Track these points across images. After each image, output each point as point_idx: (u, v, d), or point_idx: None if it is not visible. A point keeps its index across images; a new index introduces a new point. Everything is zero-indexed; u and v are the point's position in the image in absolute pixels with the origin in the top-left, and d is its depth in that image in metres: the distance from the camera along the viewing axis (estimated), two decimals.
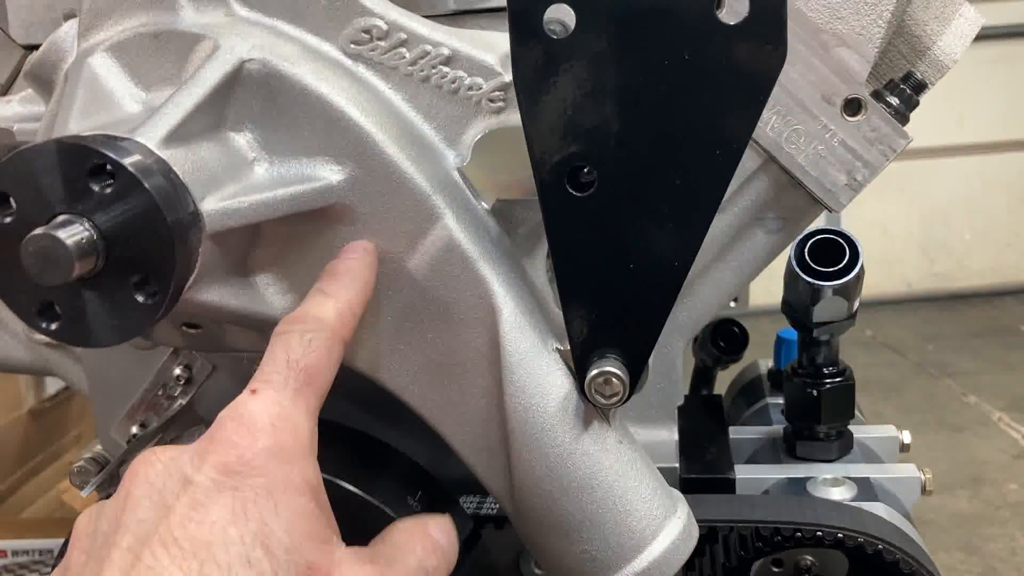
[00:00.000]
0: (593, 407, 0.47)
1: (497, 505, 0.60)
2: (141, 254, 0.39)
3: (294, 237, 0.48)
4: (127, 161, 0.38)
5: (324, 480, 0.50)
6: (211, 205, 0.42)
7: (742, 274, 0.65)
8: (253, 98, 0.46)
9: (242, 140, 0.46)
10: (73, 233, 0.38)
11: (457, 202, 0.48)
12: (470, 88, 0.49)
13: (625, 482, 0.48)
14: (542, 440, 0.47)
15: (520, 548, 0.62)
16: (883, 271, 2.91)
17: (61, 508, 2.24)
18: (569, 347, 0.47)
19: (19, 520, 2.18)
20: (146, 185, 0.38)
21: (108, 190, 0.38)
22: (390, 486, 0.52)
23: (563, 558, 0.48)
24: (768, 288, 0.78)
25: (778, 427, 0.73)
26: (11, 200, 0.39)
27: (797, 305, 0.63)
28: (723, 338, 0.80)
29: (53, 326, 0.40)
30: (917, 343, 2.63)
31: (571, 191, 0.44)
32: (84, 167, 0.38)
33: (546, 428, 0.47)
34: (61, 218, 0.39)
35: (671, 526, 0.48)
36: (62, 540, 1.73)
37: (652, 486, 0.49)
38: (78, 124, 0.43)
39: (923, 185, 2.90)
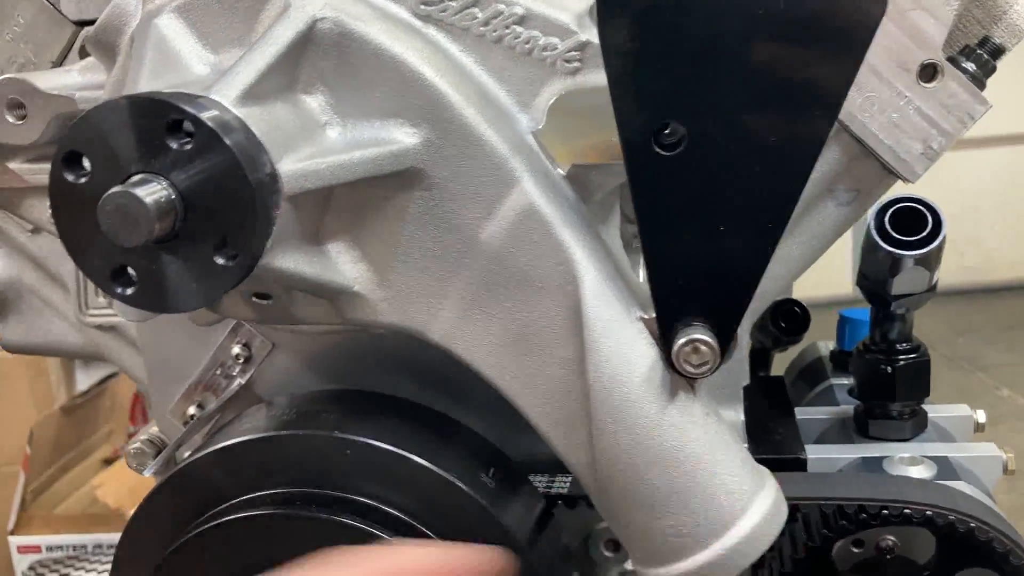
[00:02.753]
0: (679, 377, 0.45)
1: (568, 484, 0.58)
2: (221, 214, 0.37)
3: (366, 204, 0.46)
4: (206, 116, 0.37)
5: (397, 454, 0.49)
6: (288, 166, 0.40)
7: (811, 249, 0.62)
8: (325, 59, 0.44)
9: (314, 103, 0.45)
10: (152, 191, 0.36)
11: (535, 166, 0.46)
12: (545, 49, 0.47)
13: (714, 454, 0.46)
14: (627, 411, 0.45)
15: (589, 530, 0.60)
16: None
17: (94, 504, 2.24)
18: (652, 315, 0.45)
19: (53, 515, 2.18)
20: (227, 141, 0.37)
21: (187, 147, 0.37)
22: (464, 462, 0.51)
23: (649, 534, 0.46)
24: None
25: (847, 407, 0.71)
26: (84, 160, 0.38)
27: (875, 276, 0.61)
28: (784, 318, 0.78)
29: (128, 291, 0.39)
30: (948, 337, 2.60)
31: (658, 150, 0.42)
32: (161, 123, 0.37)
33: (631, 399, 0.45)
34: (138, 177, 0.37)
35: (761, 500, 0.46)
36: (95, 535, 1.73)
37: (740, 459, 0.47)
38: (148, 84, 0.42)
39: (952, 178, 2.85)
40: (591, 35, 0.47)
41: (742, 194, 0.42)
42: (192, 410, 0.63)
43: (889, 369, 0.64)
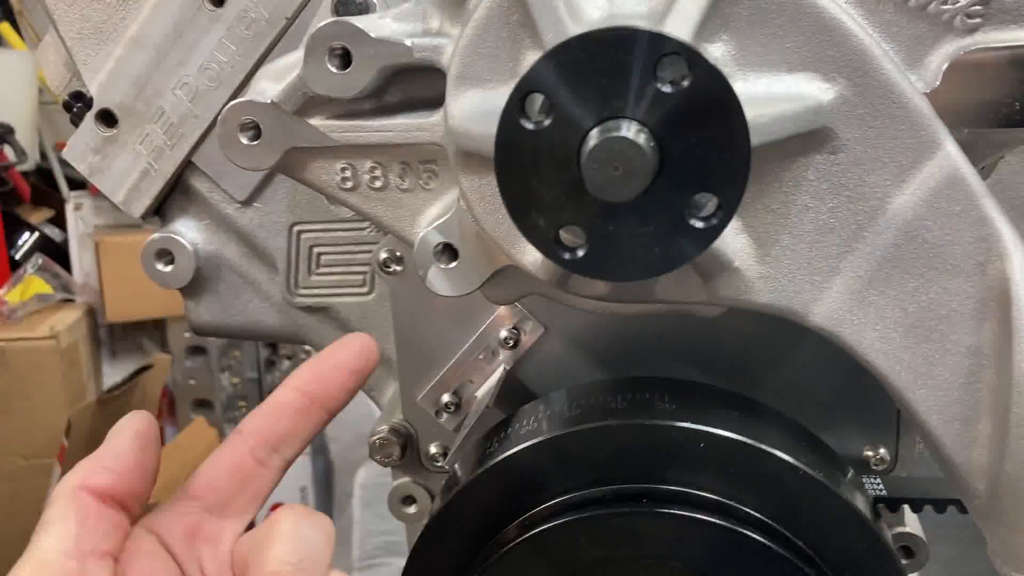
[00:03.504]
0: None
1: (879, 485, 0.54)
2: (706, 168, 0.33)
3: (757, 169, 0.41)
4: (698, 52, 0.32)
5: (760, 450, 0.44)
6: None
7: None
8: (734, 5, 0.39)
9: (717, 52, 0.40)
10: (644, 140, 0.31)
11: (948, 130, 0.41)
12: (944, 2, 0.43)
13: None
14: None
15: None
16: None
17: None
18: None
19: None
20: (725, 80, 0.32)
21: (680, 87, 0.32)
22: (822, 460, 0.46)
23: None
24: None
25: None
26: (546, 102, 0.33)
27: None
28: None
29: (579, 253, 0.34)
30: None
31: None
32: (652, 60, 0.32)
33: None
34: (610, 122, 0.32)
35: None
36: None
37: None
38: (576, 28, 0.36)
39: None
40: None
41: None
42: (447, 398, 0.58)
43: None
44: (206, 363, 2.55)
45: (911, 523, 0.57)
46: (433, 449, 0.59)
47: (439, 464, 0.59)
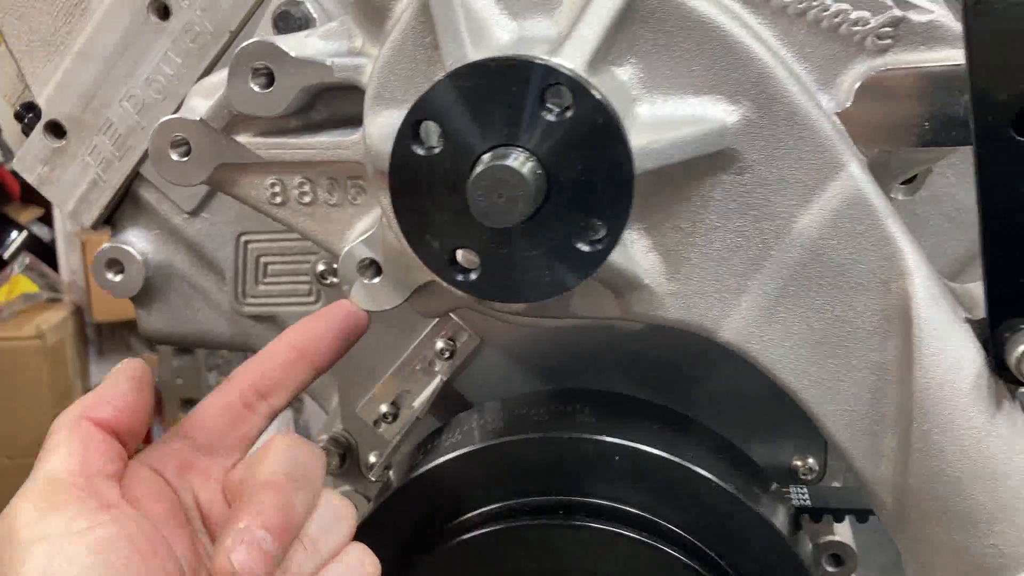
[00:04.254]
0: (1002, 384, 0.42)
1: (805, 495, 0.55)
2: (591, 194, 0.33)
3: (664, 189, 0.42)
4: (585, 83, 0.33)
5: (675, 463, 0.45)
6: (635, 142, 0.36)
7: None
8: (642, 27, 0.40)
9: (624, 76, 0.41)
10: (522, 165, 0.32)
11: (854, 150, 0.42)
12: (855, 24, 0.43)
13: None
14: (956, 420, 0.41)
15: (814, 542, 0.56)
16: None
17: None
18: (979, 316, 0.42)
19: None
20: (612, 114, 0.32)
21: (564, 115, 0.32)
22: (736, 472, 0.47)
23: (962, 554, 0.43)
24: None
25: None
26: (437, 130, 0.33)
27: None
28: None
29: (471, 277, 0.35)
30: None
31: (1016, 136, 0.39)
32: (536, 89, 0.32)
33: (960, 407, 0.41)
34: (499, 149, 0.33)
35: None
36: None
37: None
38: (476, 54, 0.37)
39: None
40: (906, 10, 0.43)
41: None
42: (385, 408, 0.59)
43: None
44: (193, 362, 2.56)
45: (841, 532, 0.58)
46: (372, 459, 0.60)
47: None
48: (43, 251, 2.51)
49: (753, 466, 0.50)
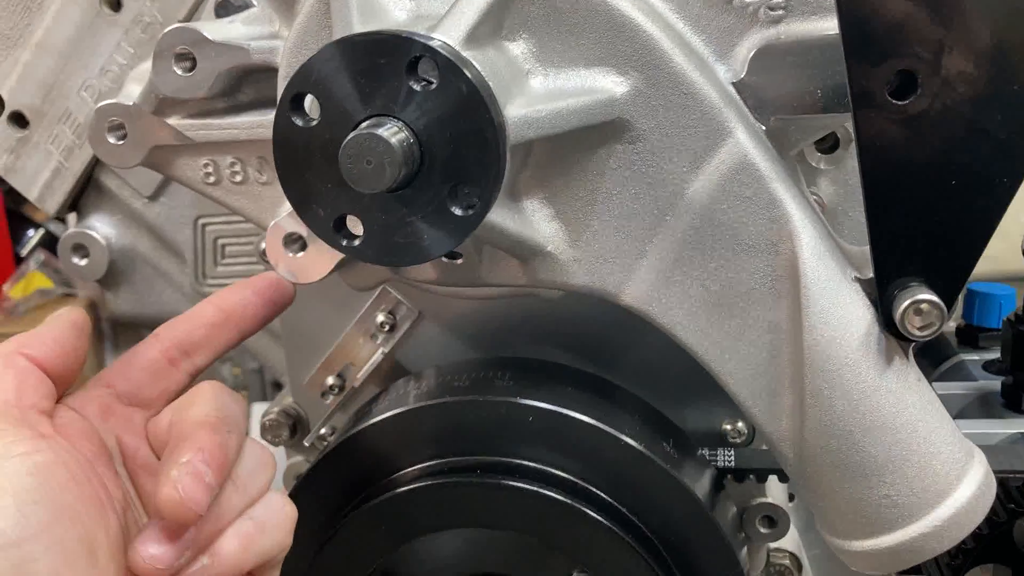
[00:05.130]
0: (894, 341, 0.43)
1: (732, 458, 0.57)
2: (460, 161, 0.35)
3: (563, 159, 0.44)
4: (449, 55, 0.34)
5: (581, 422, 0.47)
6: (512, 112, 0.38)
7: None
8: (532, 4, 0.42)
9: (517, 50, 0.42)
10: (394, 134, 0.34)
11: (743, 117, 0.44)
12: None
13: (929, 422, 0.44)
14: (844, 376, 0.43)
15: (746, 504, 0.58)
16: None
17: None
18: (868, 276, 0.43)
19: None
20: (473, 82, 0.34)
21: (429, 86, 0.34)
22: (647, 430, 0.49)
23: (859, 504, 0.44)
24: None
25: (986, 382, 0.69)
26: (314, 102, 0.35)
27: None
28: None
29: (355, 243, 0.37)
30: None
31: (892, 100, 0.40)
32: (402, 61, 0.34)
33: (849, 363, 0.43)
34: (373, 119, 0.35)
35: (975, 470, 0.44)
36: None
37: (951, 428, 0.45)
38: (363, 27, 0.39)
39: None
40: None
41: (976, 147, 0.40)
42: (331, 380, 0.61)
43: None
44: None
45: (774, 494, 0.59)
46: (322, 430, 0.63)
47: (324, 443, 0.62)
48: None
49: (671, 428, 0.51)
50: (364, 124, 0.35)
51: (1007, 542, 0.54)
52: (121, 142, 0.51)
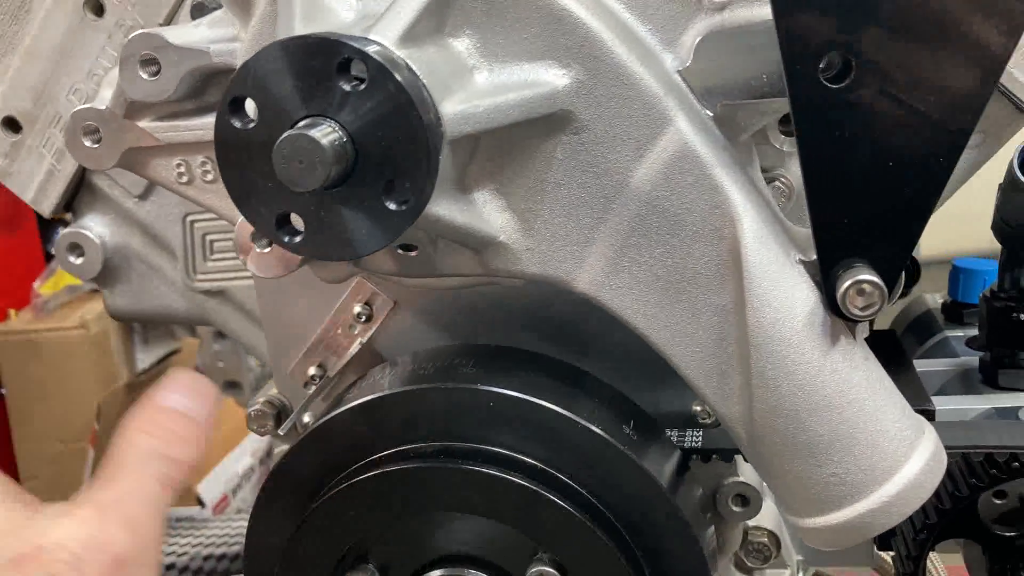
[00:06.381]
0: (840, 321, 0.44)
1: (700, 438, 0.58)
2: (392, 157, 0.37)
3: (511, 151, 0.45)
4: (378, 56, 0.36)
5: (541, 406, 0.48)
6: (449, 109, 0.39)
7: None
8: (473, 1, 0.43)
9: (461, 46, 0.44)
10: (326, 134, 0.36)
11: (686, 106, 0.45)
12: None
13: (875, 400, 0.44)
14: (789, 357, 0.44)
15: (718, 483, 0.59)
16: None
17: None
18: (812, 257, 0.44)
19: None
20: (400, 81, 0.36)
21: (358, 88, 0.36)
22: (607, 414, 0.50)
23: (808, 483, 0.45)
24: None
25: (967, 359, 0.69)
26: (252, 104, 0.37)
27: (1014, 218, 0.59)
28: None
29: (296, 239, 0.38)
30: None
31: (825, 82, 0.41)
32: (331, 64, 0.36)
33: (793, 344, 0.43)
34: (308, 120, 0.36)
35: (924, 447, 0.45)
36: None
37: (900, 405, 0.45)
38: (304, 29, 0.41)
39: None
40: None
41: (912, 128, 0.41)
42: (313, 371, 0.62)
43: (1021, 316, 0.62)
44: (233, 346, 2.64)
45: (747, 473, 0.60)
46: (307, 419, 0.64)
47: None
48: None
49: (634, 411, 0.52)
50: (299, 125, 0.36)
51: (972, 518, 0.54)
52: (96, 145, 0.53)
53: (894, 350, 0.71)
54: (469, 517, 0.49)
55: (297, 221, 0.39)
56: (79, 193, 0.72)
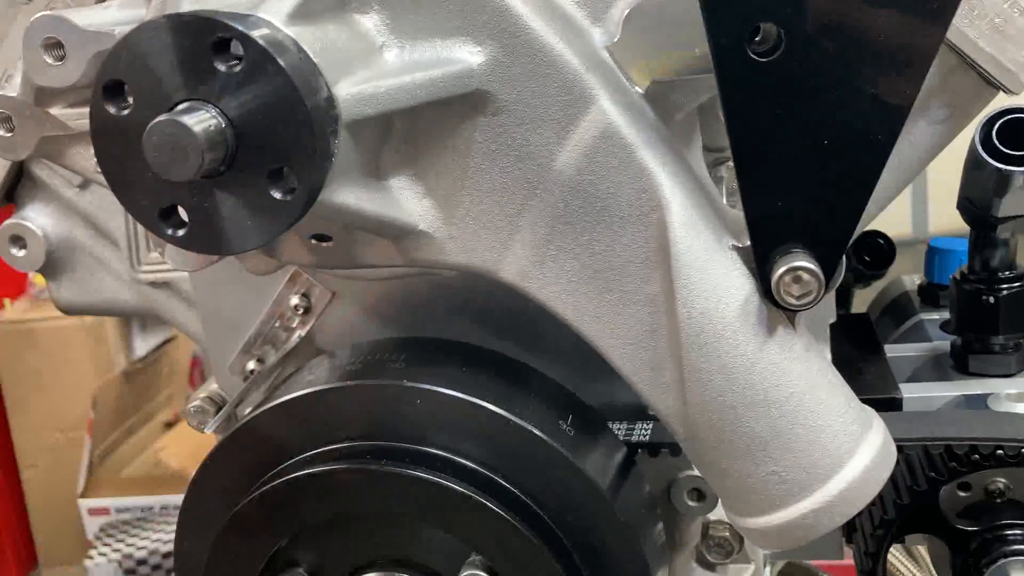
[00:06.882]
0: (778, 311, 0.41)
1: (649, 431, 0.55)
2: (275, 144, 0.34)
3: (428, 135, 0.42)
4: (256, 34, 0.33)
5: (471, 403, 0.46)
6: (345, 90, 0.37)
7: (903, 173, 0.58)
8: None
9: (368, 23, 0.41)
10: (200, 120, 0.33)
11: (612, 83, 0.42)
12: None
13: (817, 394, 0.42)
14: (721, 349, 0.41)
15: (672, 477, 0.56)
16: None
17: (158, 466, 2.27)
18: (747, 244, 0.42)
19: (119, 479, 2.22)
20: (280, 62, 0.33)
21: (236, 69, 0.33)
22: (541, 409, 0.47)
23: (747, 481, 0.43)
24: None
25: (940, 343, 0.67)
26: (127, 88, 0.35)
27: (978, 197, 0.56)
28: (868, 251, 0.73)
29: (180, 232, 0.36)
30: None
31: (753, 56, 0.38)
32: (207, 44, 0.33)
33: (726, 336, 0.41)
34: (184, 105, 0.34)
35: (869, 442, 0.42)
36: (161, 497, 1.76)
37: (845, 398, 0.43)
38: (192, 6, 0.38)
39: None
40: None
41: (848, 103, 0.38)
42: (252, 365, 0.60)
43: (991, 299, 0.59)
44: None
45: None
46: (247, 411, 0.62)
47: None
48: None
49: (574, 406, 0.50)
50: (176, 110, 0.34)
51: (934, 512, 0.52)
52: (10, 134, 0.50)
53: (865, 335, 0.69)
54: (398, 519, 0.47)
55: (184, 213, 0.37)
56: (20, 183, 0.69)
